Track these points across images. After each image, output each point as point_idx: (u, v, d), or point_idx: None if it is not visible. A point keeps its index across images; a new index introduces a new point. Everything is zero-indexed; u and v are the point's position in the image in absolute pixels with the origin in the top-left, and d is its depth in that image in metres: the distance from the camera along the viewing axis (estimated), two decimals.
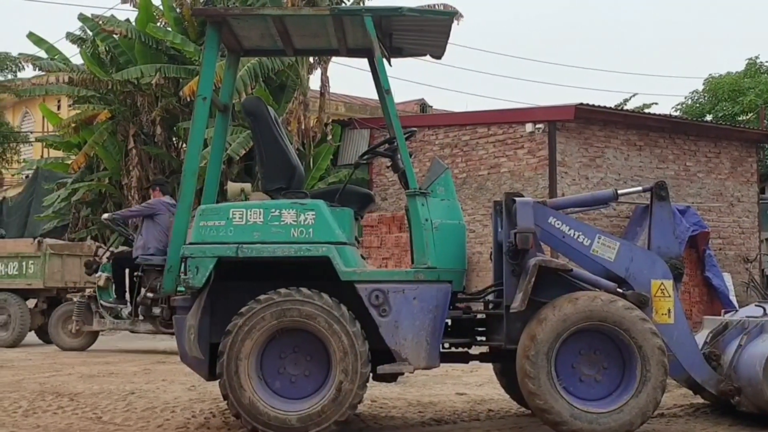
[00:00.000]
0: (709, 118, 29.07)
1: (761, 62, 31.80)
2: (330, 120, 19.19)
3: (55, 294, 12.69)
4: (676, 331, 5.36)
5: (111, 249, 12.35)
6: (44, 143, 24.93)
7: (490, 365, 6.27)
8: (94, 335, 11.96)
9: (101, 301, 11.17)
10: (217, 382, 5.12)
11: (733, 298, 15.27)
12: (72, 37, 20.56)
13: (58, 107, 28.56)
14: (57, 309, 12.17)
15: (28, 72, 23.74)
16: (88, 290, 11.82)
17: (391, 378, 5.58)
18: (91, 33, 19.67)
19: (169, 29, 18.51)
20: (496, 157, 15.82)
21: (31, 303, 12.80)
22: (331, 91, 19.63)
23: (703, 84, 32.07)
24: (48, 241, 13.37)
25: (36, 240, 12.79)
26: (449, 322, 5.42)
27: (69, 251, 13.08)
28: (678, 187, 15.74)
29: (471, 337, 5.59)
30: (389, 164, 5.80)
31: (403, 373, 5.40)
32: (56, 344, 11.97)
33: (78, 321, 11.59)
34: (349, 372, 4.96)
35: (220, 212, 5.20)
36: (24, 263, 12.54)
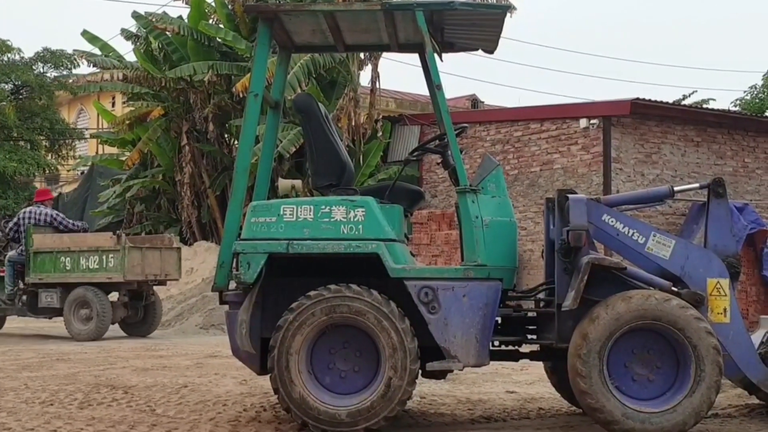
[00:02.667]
0: None
1: None
2: (380, 116, 19.19)
3: (136, 287, 12.85)
4: (731, 330, 5.25)
5: None
6: (99, 140, 25.43)
7: (540, 363, 6.21)
8: None
9: None
10: (268, 377, 5.17)
11: None
12: (126, 34, 20.88)
13: (113, 104, 29.09)
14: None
15: (83, 69, 24.20)
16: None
17: (440, 375, 5.57)
18: (144, 30, 19.96)
19: (221, 26, 18.69)
20: (548, 153, 15.65)
21: (113, 297, 12.97)
22: (382, 87, 19.65)
23: (763, 79, 31.32)
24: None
25: (115, 234, 12.94)
26: (499, 319, 5.38)
27: (149, 244, 13.22)
28: (736, 184, 15.40)
29: (521, 335, 5.54)
30: (440, 161, 5.77)
31: (452, 371, 5.37)
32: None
33: None
34: (398, 368, 4.96)
35: (271, 209, 5.24)
36: (104, 257, 12.50)
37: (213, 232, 19.60)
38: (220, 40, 18.25)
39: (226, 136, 19.74)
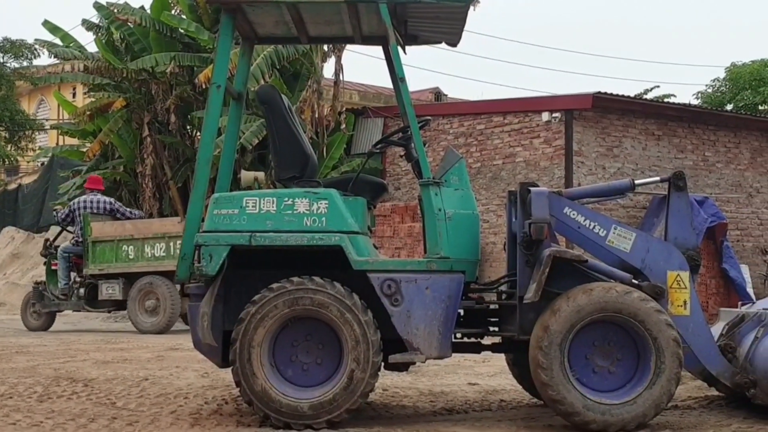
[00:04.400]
0: (729, 107, 28.82)
1: None
2: (344, 108, 19.15)
3: None
4: (691, 322, 5.32)
5: None
6: (59, 131, 25.11)
7: (502, 356, 6.24)
8: None
9: None
10: (229, 370, 5.14)
11: (750, 291, 15.18)
12: (87, 25, 20.60)
13: (74, 95, 28.69)
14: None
15: (44, 60, 23.89)
16: None
17: (402, 367, 5.58)
18: (106, 21, 19.71)
19: (184, 17, 18.52)
20: (511, 146, 15.74)
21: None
22: (345, 79, 19.60)
23: (725, 72, 31.76)
24: None
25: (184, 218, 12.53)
26: (462, 312, 5.41)
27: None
28: (696, 177, 15.63)
29: (483, 327, 5.57)
30: (403, 153, 5.77)
31: (414, 363, 5.39)
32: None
33: None
34: (360, 361, 4.96)
35: (233, 201, 5.20)
36: (172, 244, 11.74)
37: None
38: (182, 31, 18.09)
39: (188, 127, 19.59)
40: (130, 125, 19.57)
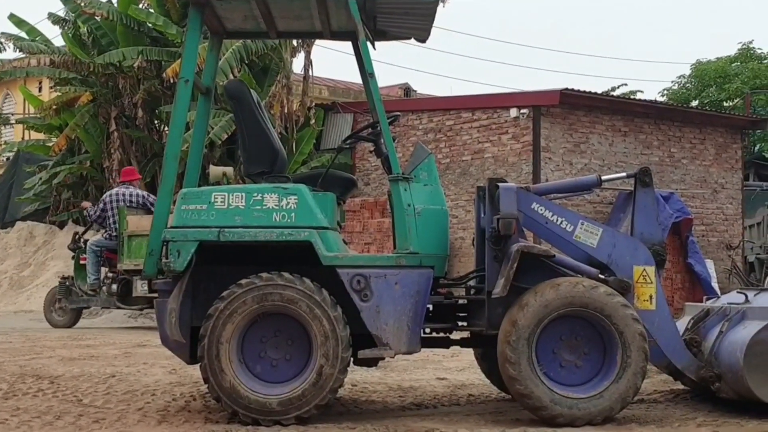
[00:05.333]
0: (695, 104, 29.18)
1: (754, 48, 31.93)
2: (313, 104, 19.12)
3: None
4: (657, 317, 5.38)
5: None
6: (25, 125, 24.70)
7: (470, 350, 6.28)
8: None
9: None
10: (197, 366, 5.11)
11: (715, 285, 15.38)
12: (54, 19, 20.34)
13: (40, 89, 28.26)
14: None
15: (9, 53, 23.52)
16: None
17: (371, 362, 5.58)
18: (72, 15, 19.47)
19: (152, 11, 18.34)
20: (480, 142, 15.81)
21: None
22: (315, 74, 19.56)
23: (690, 69, 32.15)
24: None
25: None
26: (431, 307, 5.42)
27: None
28: (662, 173, 15.80)
29: (452, 322, 5.59)
30: (372, 149, 5.77)
31: (383, 358, 5.40)
32: None
33: None
34: (330, 356, 4.95)
35: (201, 196, 5.17)
36: None
37: None
38: (150, 25, 17.93)
39: (156, 122, 19.43)
40: (97, 120, 19.37)
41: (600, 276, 5.27)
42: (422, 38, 6.08)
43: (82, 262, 12.42)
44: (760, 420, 5.05)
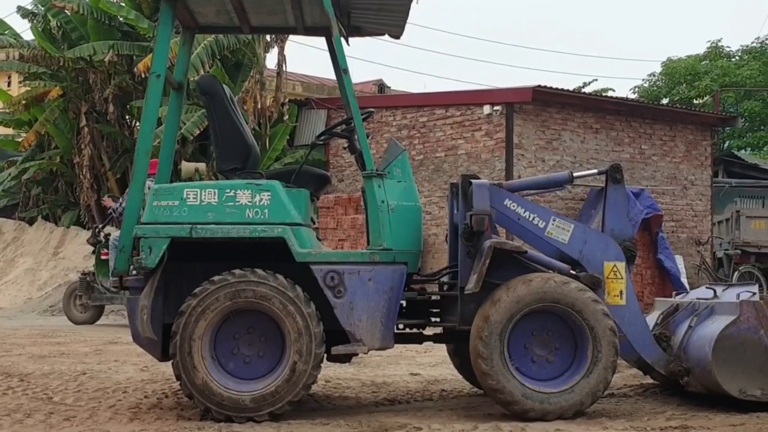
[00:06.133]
0: (665, 101, 29.47)
1: (723, 46, 32.30)
2: (287, 100, 19.03)
3: None
4: (627, 312, 5.44)
5: None
6: None
7: (443, 346, 6.30)
8: None
9: None
10: (169, 363, 5.08)
11: (684, 281, 15.55)
12: (23, 12, 20.06)
13: (8, 84, 27.92)
14: None
15: None
16: None
17: (345, 359, 5.59)
18: (42, 8, 19.23)
19: (123, 5, 18.17)
20: (453, 138, 15.85)
21: None
22: (288, 70, 19.46)
23: (661, 67, 32.46)
24: None
25: None
26: (404, 303, 5.44)
27: None
28: (633, 170, 15.95)
29: (425, 318, 5.61)
30: (346, 145, 5.77)
31: (357, 354, 5.41)
32: None
33: None
34: (303, 353, 4.95)
35: (173, 192, 5.14)
36: None
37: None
38: (121, 19, 17.75)
39: (127, 117, 19.26)
40: (67, 115, 19.16)
41: (571, 272, 5.32)
42: (396, 34, 6.08)
43: (103, 257, 12.05)
44: (727, 413, 5.13)
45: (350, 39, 6.02)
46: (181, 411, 5.29)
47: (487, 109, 15.15)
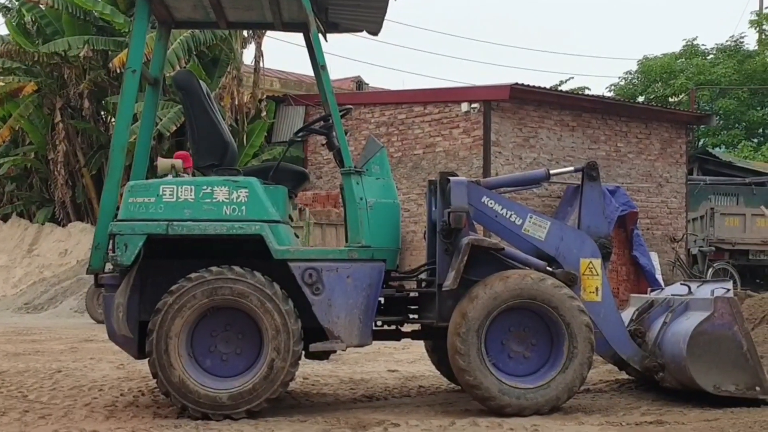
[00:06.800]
0: (641, 99, 29.66)
1: (698, 44, 32.54)
2: (264, 96, 18.97)
3: None
4: (603, 308, 5.48)
5: None
6: None
7: (421, 342, 6.32)
8: None
9: None
10: (146, 361, 5.06)
11: (659, 277, 15.69)
12: None
13: None
14: None
15: None
16: None
17: (323, 356, 5.59)
18: (16, 2, 19.02)
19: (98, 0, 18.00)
20: (431, 136, 15.87)
21: None
22: (266, 66, 19.41)
23: (638, 65, 32.66)
24: None
25: (298, 208, 11.52)
26: (382, 300, 5.44)
27: (327, 220, 11.82)
28: (609, 167, 16.05)
29: (404, 314, 5.62)
30: (324, 142, 5.76)
31: (335, 351, 5.41)
32: None
33: None
34: (281, 350, 4.94)
35: (149, 189, 5.10)
36: None
37: (88, 212, 19.01)
38: (96, 13, 17.60)
39: (102, 113, 19.12)
40: (42, 110, 19.00)
41: (548, 268, 5.34)
42: (374, 31, 6.08)
43: None
44: (702, 408, 5.18)
45: (328, 35, 6.01)
46: (157, 409, 5.26)
47: (464, 106, 15.18)
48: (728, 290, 5.64)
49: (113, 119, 17.85)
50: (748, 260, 18.14)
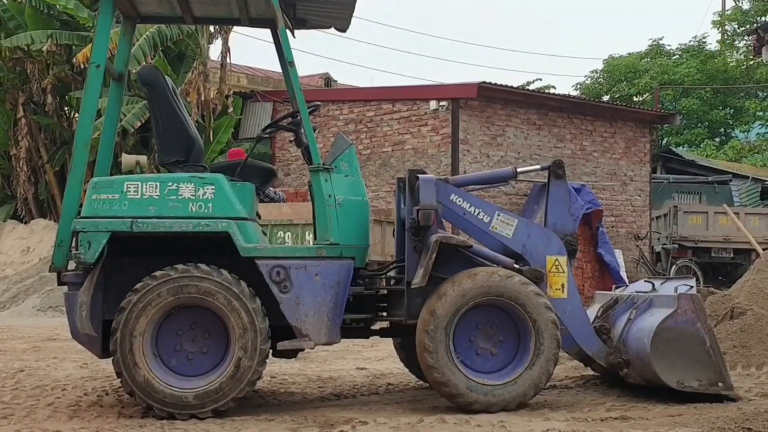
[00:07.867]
0: (606, 98, 29.94)
1: (663, 44, 32.92)
2: (231, 92, 18.85)
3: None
4: (569, 305, 5.51)
5: None
6: None
7: (390, 340, 6.31)
8: None
9: None
10: (110, 360, 4.99)
11: (623, 274, 15.87)
12: None
13: None
14: None
15: None
16: None
17: (291, 354, 5.55)
18: None
19: None
20: (400, 133, 15.89)
21: None
22: (233, 62, 19.28)
23: (603, 64, 32.95)
24: None
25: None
26: (351, 297, 5.42)
27: (385, 218, 11.05)
28: (574, 165, 16.19)
29: (372, 312, 5.61)
30: (292, 139, 5.73)
31: (303, 349, 5.38)
32: None
33: None
34: (248, 349, 4.90)
35: (113, 185, 5.04)
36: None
37: (51, 209, 18.77)
38: (60, 8, 17.31)
39: (66, 108, 18.87)
40: (4, 106, 18.73)
41: (515, 266, 5.37)
42: (342, 27, 6.06)
43: None
44: (666, 404, 5.23)
45: (296, 31, 5.97)
46: (122, 408, 5.20)
47: (433, 104, 15.23)
48: (691, 287, 5.71)
49: (77, 115, 17.58)
50: (710, 258, 18.39)
